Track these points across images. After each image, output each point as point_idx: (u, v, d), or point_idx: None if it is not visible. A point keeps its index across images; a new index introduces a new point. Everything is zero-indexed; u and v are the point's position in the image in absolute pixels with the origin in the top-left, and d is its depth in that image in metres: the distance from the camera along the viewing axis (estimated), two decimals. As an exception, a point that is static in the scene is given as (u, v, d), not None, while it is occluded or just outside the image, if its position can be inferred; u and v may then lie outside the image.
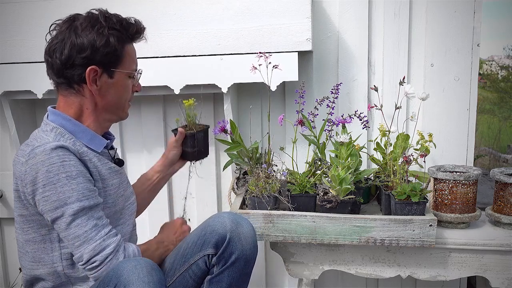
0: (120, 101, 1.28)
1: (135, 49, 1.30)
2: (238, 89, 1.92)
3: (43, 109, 2.04)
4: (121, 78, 1.25)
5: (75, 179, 1.12)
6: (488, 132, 5.37)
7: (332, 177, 1.40)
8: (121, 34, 1.23)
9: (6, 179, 2.06)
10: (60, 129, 1.21)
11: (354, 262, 1.51)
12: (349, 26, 1.82)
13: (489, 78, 6.56)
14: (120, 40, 1.22)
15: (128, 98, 1.30)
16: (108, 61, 1.22)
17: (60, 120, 1.22)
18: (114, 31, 1.21)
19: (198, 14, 1.69)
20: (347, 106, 1.86)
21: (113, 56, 1.21)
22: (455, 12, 1.75)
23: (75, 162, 1.14)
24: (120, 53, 1.23)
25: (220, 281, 1.24)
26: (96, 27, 1.19)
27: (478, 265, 1.45)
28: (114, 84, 1.24)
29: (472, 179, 1.46)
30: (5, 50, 1.80)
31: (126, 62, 1.25)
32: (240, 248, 1.24)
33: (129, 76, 1.27)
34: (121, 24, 1.23)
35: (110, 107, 1.27)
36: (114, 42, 1.21)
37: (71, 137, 1.21)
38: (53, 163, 1.11)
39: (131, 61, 1.27)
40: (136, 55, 1.30)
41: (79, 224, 1.12)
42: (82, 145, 1.21)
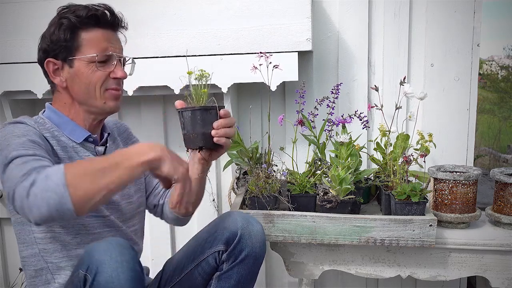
0: (89, 89, 1.20)
1: (105, 34, 1.21)
2: (238, 89, 1.92)
3: (43, 109, 2.04)
4: (81, 66, 1.19)
5: (20, 137, 1.07)
6: (488, 132, 5.37)
7: (332, 177, 1.40)
8: (69, 20, 1.18)
9: (6, 179, 2.06)
10: (44, 119, 1.21)
11: (354, 262, 1.51)
12: (349, 26, 1.82)
13: (489, 78, 6.57)
14: (70, 26, 1.18)
15: (98, 85, 1.21)
16: (63, 51, 1.19)
17: (48, 113, 1.24)
18: (63, 19, 1.19)
19: (198, 14, 1.69)
20: (347, 106, 1.86)
21: (65, 44, 1.18)
22: (455, 12, 1.75)
23: (27, 128, 1.12)
24: (73, 40, 1.18)
25: (229, 278, 1.24)
26: (52, 19, 1.21)
27: (478, 265, 1.45)
28: (76, 73, 1.20)
29: (472, 179, 1.46)
30: (5, 50, 1.80)
31: (84, 49, 1.19)
32: (250, 245, 1.23)
33: (91, 62, 1.19)
34: (71, 10, 1.20)
35: (82, 98, 1.22)
36: (62, 30, 1.18)
37: (52, 127, 1.21)
38: (6, 132, 1.10)
39: (92, 46, 1.19)
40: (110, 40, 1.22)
41: (12, 168, 1.00)
42: (63, 135, 1.21)
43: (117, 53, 1.23)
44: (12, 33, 1.79)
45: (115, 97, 1.24)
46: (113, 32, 1.24)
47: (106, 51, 1.21)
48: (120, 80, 1.25)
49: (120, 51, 1.25)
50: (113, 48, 1.22)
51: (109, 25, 1.22)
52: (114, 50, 1.23)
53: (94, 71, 1.20)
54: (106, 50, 1.21)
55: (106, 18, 1.21)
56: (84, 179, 0.94)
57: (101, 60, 1.20)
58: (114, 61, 1.23)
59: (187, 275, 1.28)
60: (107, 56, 1.21)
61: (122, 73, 1.24)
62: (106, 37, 1.21)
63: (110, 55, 1.21)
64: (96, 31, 1.20)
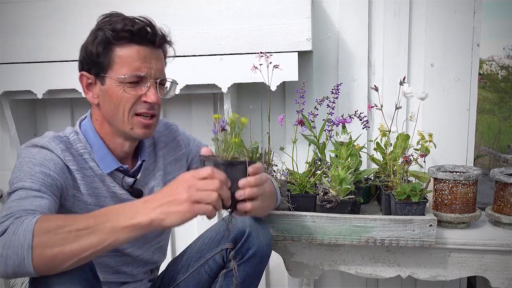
0: (118, 111, 1.11)
1: (141, 51, 1.11)
2: (238, 89, 1.92)
3: (43, 109, 2.05)
4: (112, 85, 1.10)
5: (35, 166, 1.03)
6: (488, 132, 5.37)
7: (332, 177, 1.40)
8: (104, 33, 1.09)
9: (6, 179, 2.05)
10: (78, 137, 1.15)
11: (354, 262, 1.51)
12: (349, 26, 1.82)
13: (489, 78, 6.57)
14: (104, 41, 1.09)
15: (126, 109, 1.11)
16: (95, 66, 1.11)
17: (86, 128, 1.17)
18: (99, 31, 1.10)
19: (198, 14, 1.69)
20: (347, 106, 1.86)
21: (97, 60, 1.10)
22: (455, 12, 1.75)
23: (49, 157, 1.06)
24: (106, 55, 1.09)
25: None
26: (92, 29, 1.13)
27: (478, 265, 1.45)
28: (107, 92, 1.11)
29: (472, 179, 1.46)
30: (5, 50, 1.80)
31: (116, 66, 1.09)
32: (257, 243, 1.23)
33: (121, 82, 1.09)
34: (109, 22, 1.10)
35: (110, 118, 1.14)
36: (95, 43, 1.10)
37: (84, 149, 1.14)
38: (27, 155, 1.07)
39: (123, 65, 1.09)
40: (146, 59, 1.11)
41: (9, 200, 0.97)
42: (92, 159, 1.15)
43: (154, 73, 1.12)
44: (12, 33, 1.79)
45: (144, 125, 1.13)
46: (152, 49, 1.12)
47: (138, 72, 1.10)
48: (153, 105, 1.13)
49: (157, 72, 1.13)
50: (148, 68, 1.11)
51: (147, 41, 1.11)
52: (149, 70, 1.11)
53: (124, 93, 1.10)
54: (138, 71, 1.10)
55: (143, 34, 1.10)
56: (53, 242, 0.85)
57: (132, 81, 1.10)
58: (147, 83, 1.11)
59: (193, 273, 1.28)
60: (139, 77, 1.10)
61: (154, 98, 1.11)
62: (141, 56, 1.10)
63: (142, 76, 1.11)
64: (131, 48, 1.10)
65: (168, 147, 1.34)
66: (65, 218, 0.90)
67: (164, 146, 1.33)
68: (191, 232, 1.82)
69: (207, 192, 0.90)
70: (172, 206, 0.90)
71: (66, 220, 0.89)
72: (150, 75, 1.12)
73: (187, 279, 1.29)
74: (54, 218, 0.90)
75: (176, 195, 0.90)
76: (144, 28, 1.11)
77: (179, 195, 0.90)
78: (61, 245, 0.86)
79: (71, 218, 0.90)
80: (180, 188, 0.90)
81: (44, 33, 1.78)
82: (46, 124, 2.05)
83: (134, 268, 1.28)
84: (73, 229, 0.87)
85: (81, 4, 1.76)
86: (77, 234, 0.87)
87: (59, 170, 1.06)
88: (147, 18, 1.13)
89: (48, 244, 0.85)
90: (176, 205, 0.90)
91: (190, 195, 0.89)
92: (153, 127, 1.17)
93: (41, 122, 2.06)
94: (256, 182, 0.98)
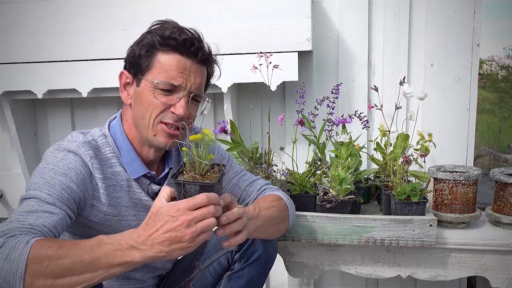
0: (144, 114, 1.09)
1: (182, 62, 1.09)
2: (238, 89, 1.92)
3: (43, 109, 2.05)
4: (145, 88, 1.09)
5: (56, 175, 1.00)
6: (488, 132, 5.37)
7: (332, 177, 1.40)
8: (152, 37, 1.09)
9: (6, 179, 2.06)
10: (107, 139, 1.13)
11: (354, 262, 1.51)
12: (349, 26, 1.82)
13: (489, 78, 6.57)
14: (149, 44, 1.09)
15: (153, 115, 1.09)
16: (135, 66, 1.11)
17: (115, 130, 1.15)
18: (148, 34, 1.11)
19: (198, 14, 1.69)
20: (347, 106, 1.86)
21: (138, 61, 1.10)
22: (455, 12, 1.75)
23: (73, 165, 1.04)
24: (148, 58, 1.09)
25: (240, 277, 1.23)
26: (144, 32, 1.13)
27: (478, 265, 1.45)
28: (139, 94, 1.10)
29: (472, 179, 1.46)
30: (5, 50, 1.80)
31: (154, 71, 1.09)
32: (263, 247, 1.23)
33: (154, 87, 1.08)
34: (160, 28, 1.11)
35: (137, 121, 1.12)
36: (140, 45, 1.10)
37: (112, 152, 1.12)
38: (52, 160, 1.04)
39: (161, 71, 1.08)
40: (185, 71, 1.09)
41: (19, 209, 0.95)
42: (120, 164, 1.13)
43: (190, 86, 1.10)
44: (12, 33, 1.79)
45: (167, 134, 1.11)
46: (194, 63, 1.11)
47: (173, 80, 1.08)
48: (180, 118, 1.10)
49: (194, 86, 1.11)
50: (184, 80, 1.09)
51: (190, 53, 1.09)
52: (186, 82, 1.09)
53: (155, 99, 1.08)
54: (173, 79, 1.08)
55: (188, 45, 1.09)
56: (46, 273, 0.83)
57: (164, 89, 1.08)
58: (179, 94, 1.09)
59: (197, 275, 1.28)
60: (172, 86, 1.09)
61: (182, 111, 1.09)
62: (180, 66, 1.09)
63: (176, 86, 1.09)
64: (172, 56, 1.09)
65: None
66: (60, 248, 0.86)
67: None
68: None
69: (207, 221, 0.90)
70: (174, 244, 0.89)
71: (60, 251, 0.85)
72: (185, 87, 1.10)
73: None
74: (49, 247, 0.85)
75: (177, 232, 0.88)
76: (190, 40, 1.09)
77: (181, 234, 0.88)
78: (53, 278, 0.84)
79: (66, 248, 0.86)
80: (180, 223, 0.88)
81: (44, 33, 1.78)
82: (46, 124, 2.05)
83: (144, 274, 1.28)
84: (67, 263, 0.84)
85: (81, 4, 1.76)
86: (70, 268, 0.85)
87: (81, 180, 1.04)
88: (197, 32, 1.12)
89: (40, 275, 0.83)
90: (178, 242, 0.89)
91: (193, 231, 0.88)
92: (176, 140, 1.12)
93: (41, 122, 2.06)
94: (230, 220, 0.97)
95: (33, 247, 0.83)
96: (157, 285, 1.36)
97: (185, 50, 1.09)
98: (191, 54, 1.10)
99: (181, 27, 1.11)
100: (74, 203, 1.02)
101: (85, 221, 1.11)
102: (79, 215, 1.09)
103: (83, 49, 1.77)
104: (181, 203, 0.90)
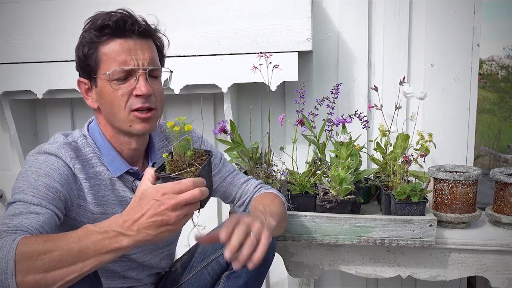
0: (113, 111, 1.08)
1: (125, 44, 1.06)
2: (238, 89, 1.92)
3: (43, 109, 2.05)
4: (103, 85, 1.07)
5: (40, 177, 1.01)
6: (488, 132, 5.37)
7: (332, 177, 1.40)
8: (88, 33, 1.06)
9: (6, 179, 2.06)
10: (87, 141, 1.13)
11: (354, 262, 1.51)
12: (349, 26, 1.82)
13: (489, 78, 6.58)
14: (88, 41, 1.06)
15: (121, 106, 1.07)
16: (86, 69, 1.09)
17: (94, 131, 1.15)
18: (84, 33, 1.08)
19: (198, 14, 1.69)
20: (347, 106, 1.86)
21: (86, 62, 1.08)
22: (455, 12, 1.75)
23: (55, 166, 1.04)
24: (93, 56, 1.06)
25: (238, 277, 1.23)
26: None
27: (478, 265, 1.45)
28: (100, 93, 1.09)
29: (472, 179, 1.46)
30: (5, 50, 1.80)
31: (103, 65, 1.06)
32: None
33: (111, 80, 1.05)
34: (91, 22, 1.07)
35: (110, 119, 1.11)
36: (81, 45, 1.07)
37: (93, 153, 1.12)
38: (33, 164, 1.04)
39: (109, 62, 1.05)
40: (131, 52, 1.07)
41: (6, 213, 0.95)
42: (101, 163, 1.13)
43: (142, 64, 1.07)
44: (12, 33, 1.79)
45: (142, 120, 1.09)
46: (137, 39, 1.08)
47: (123, 66, 1.05)
48: (147, 98, 1.08)
49: (146, 62, 1.08)
50: (133, 59, 1.06)
51: (129, 32, 1.06)
52: (137, 62, 1.06)
53: (114, 90, 1.06)
54: (124, 64, 1.05)
55: (121, 25, 1.05)
56: (35, 268, 0.83)
57: (119, 78, 1.06)
58: (135, 76, 1.07)
59: (196, 274, 1.28)
60: (126, 71, 1.06)
61: (144, 89, 1.06)
62: (124, 48, 1.06)
63: (128, 70, 1.06)
64: (113, 43, 1.06)
65: None
66: (46, 241, 0.85)
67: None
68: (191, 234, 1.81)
69: (192, 206, 0.91)
70: (161, 227, 0.89)
71: (47, 244, 0.84)
72: (138, 67, 1.07)
73: (190, 280, 1.29)
74: (35, 241, 0.85)
75: (163, 216, 0.88)
76: (122, 19, 1.06)
77: (167, 217, 0.88)
78: (43, 272, 0.83)
79: (53, 240, 0.86)
80: (165, 208, 0.88)
81: (44, 33, 1.78)
82: (46, 124, 2.05)
83: (139, 272, 1.28)
84: (56, 255, 0.84)
85: (81, 4, 1.75)
86: (60, 260, 0.84)
87: (64, 180, 1.04)
88: (125, 9, 1.08)
89: (30, 270, 0.83)
90: (165, 226, 0.89)
91: (178, 214, 0.89)
92: (153, 121, 1.12)
93: (41, 122, 2.06)
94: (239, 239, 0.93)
95: (20, 244, 0.83)
96: (156, 284, 1.36)
97: (121, 31, 1.06)
98: (128, 32, 1.06)
99: (108, 12, 1.07)
100: (60, 202, 1.02)
101: (74, 223, 1.10)
102: (68, 216, 1.08)
103: (83, 49, 1.77)
104: (166, 187, 0.90)
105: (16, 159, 2.00)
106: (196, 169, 0.97)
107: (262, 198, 1.26)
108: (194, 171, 0.97)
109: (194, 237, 0.96)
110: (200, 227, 1.04)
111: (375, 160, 1.63)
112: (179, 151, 0.97)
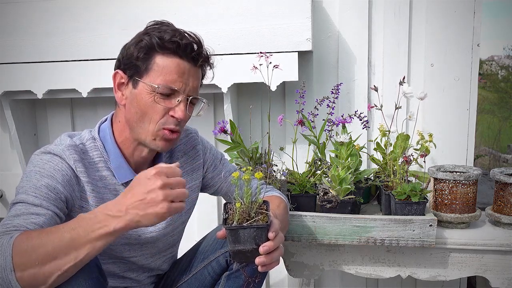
0: (143, 119, 1.10)
1: (181, 65, 1.09)
2: (238, 89, 1.92)
3: (43, 109, 2.05)
4: (143, 91, 1.09)
5: (43, 178, 1.03)
6: (488, 132, 5.38)
7: (332, 177, 1.40)
8: (150, 39, 1.08)
9: (6, 179, 2.06)
10: (95, 143, 1.14)
11: (354, 262, 1.51)
12: (349, 26, 1.82)
13: (489, 78, 6.58)
14: (147, 46, 1.08)
15: (154, 120, 1.10)
16: (132, 68, 1.10)
17: (105, 134, 1.15)
18: (145, 35, 1.09)
19: (198, 14, 1.69)
20: (347, 106, 1.86)
21: (135, 63, 1.09)
22: (455, 12, 1.75)
23: (58, 167, 1.05)
24: (146, 61, 1.08)
25: (238, 277, 1.22)
26: (139, 32, 1.12)
27: (478, 265, 1.45)
28: (137, 96, 1.09)
29: (472, 179, 1.46)
30: (5, 50, 1.80)
31: (152, 74, 1.08)
32: None
33: (153, 91, 1.08)
34: (158, 29, 1.10)
35: (133, 124, 1.11)
36: (138, 47, 1.09)
37: (100, 156, 1.13)
38: (36, 164, 1.06)
39: (160, 75, 1.08)
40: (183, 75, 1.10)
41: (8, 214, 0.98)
42: (108, 168, 1.14)
43: (188, 90, 1.11)
44: (12, 33, 1.79)
45: (166, 139, 1.12)
46: (193, 66, 1.12)
47: (173, 84, 1.09)
48: (180, 122, 1.12)
49: (191, 90, 1.12)
50: (183, 84, 1.10)
51: (190, 58, 1.10)
52: (184, 86, 1.10)
53: (154, 103, 1.09)
54: (173, 83, 1.09)
55: (188, 49, 1.09)
56: (31, 262, 0.85)
57: (164, 93, 1.09)
58: (179, 98, 1.10)
59: (196, 274, 1.28)
60: (172, 90, 1.09)
61: (181, 114, 1.10)
62: (180, 70, 1.09)
63: (175, 90, 1.09)
64: (172, 60, 1.09)
65: (187, 156, 1.31)
66: (40, 234, 0.88)
67: (182, 154, 1.30)
68: (191, 231, 1.82)
69: (180, 190, 0.92)
70: (148, 207, 0.89)
71: (41, 237, 0.87)
72: (183, 91, 1.11)
73: (190, 281, 1.29)
74: (30, 236, 0.87)
75: (151, 195, 0.89)
76: (191, 45, 1.10)
77: (154, 195, 0.89)
78: (39, 265, 0.85)
79: (46, 233, 0.88)
80: (153, 187, 0.89)
81: (44, 33, 1.78)
82: (46, 124, 2.06)
83: (140, 273, 1.28)
84: (50, 248, 0.86)
85: (81, 4, 1.76)
86: (53, 251, 0.86)
87: (67, 182, 1.06)
88: (197, 36, 1.12)
89: (27, 265, 0.85)
90: (153, 206, 0.89)
91: (166, 195, 0.90)
92: (174, 143, 1.16)
93: (41, 122, 2.06)
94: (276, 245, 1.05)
95: (16, 240, 0.86)
96: (156, 284, 1.36)
97: (186, 55, 1.09)
98: (191, 59, 1.10)
99: (180, 31, 1.11)
100: (62, 203, 1.03)
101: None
102: (70, 217, 1.08)
103: (83, 49, 1.77)
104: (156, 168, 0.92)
105: (16, 159, 2.01)
106: (264, 216, 1.06)
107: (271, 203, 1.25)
108: (262, 218, 1.05)
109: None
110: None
111: (375, 160, 1.63)
112: (247, 201, 1.05)
